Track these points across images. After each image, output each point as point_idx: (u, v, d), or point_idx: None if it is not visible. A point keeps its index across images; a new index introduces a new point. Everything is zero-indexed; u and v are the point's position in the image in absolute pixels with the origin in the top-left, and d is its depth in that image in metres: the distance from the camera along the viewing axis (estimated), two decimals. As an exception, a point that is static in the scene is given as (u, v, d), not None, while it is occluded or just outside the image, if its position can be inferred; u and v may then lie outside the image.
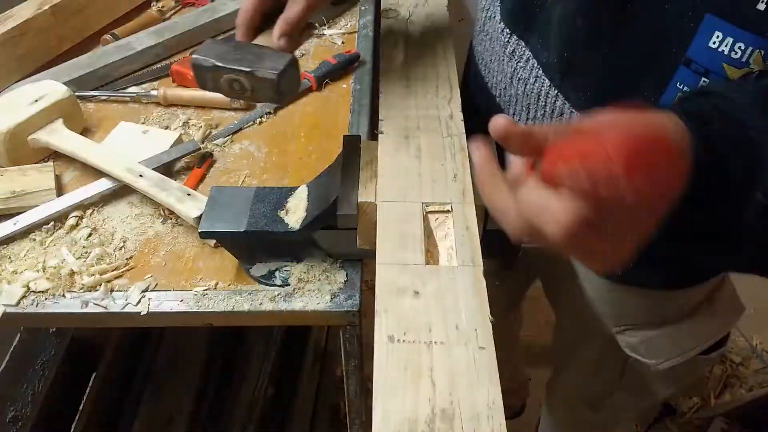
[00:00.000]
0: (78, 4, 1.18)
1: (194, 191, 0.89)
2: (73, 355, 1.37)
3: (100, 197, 0.93)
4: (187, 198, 0.87)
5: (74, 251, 0.86)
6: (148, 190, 0.89)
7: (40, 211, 0.90)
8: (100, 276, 0.83)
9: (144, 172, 0.92)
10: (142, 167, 0.93)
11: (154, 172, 0.92)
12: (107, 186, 0.93)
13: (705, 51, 0.57)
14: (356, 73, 1.17)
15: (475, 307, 0.58)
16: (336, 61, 1.16)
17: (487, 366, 0.53)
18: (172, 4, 1.35)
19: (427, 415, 0.49)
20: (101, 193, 0.93)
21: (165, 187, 0.89)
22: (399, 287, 0.60)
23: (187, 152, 0.98)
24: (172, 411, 1.35)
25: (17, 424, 1.22)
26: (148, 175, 0.91)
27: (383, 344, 0.55)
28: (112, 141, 1.01)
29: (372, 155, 0.79)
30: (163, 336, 1.47)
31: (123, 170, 0.92)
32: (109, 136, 1.02)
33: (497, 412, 0.49)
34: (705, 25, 0.56)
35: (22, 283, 0.82)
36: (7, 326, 1.22)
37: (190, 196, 0.88)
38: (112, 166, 0.93)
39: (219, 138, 1.04)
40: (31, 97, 0.99)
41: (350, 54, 1.18)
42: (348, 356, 0.88)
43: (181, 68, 1.14)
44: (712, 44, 0.56)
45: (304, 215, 0.78)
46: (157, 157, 0.97)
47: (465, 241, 0.66)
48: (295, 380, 1.55)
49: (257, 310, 0.80)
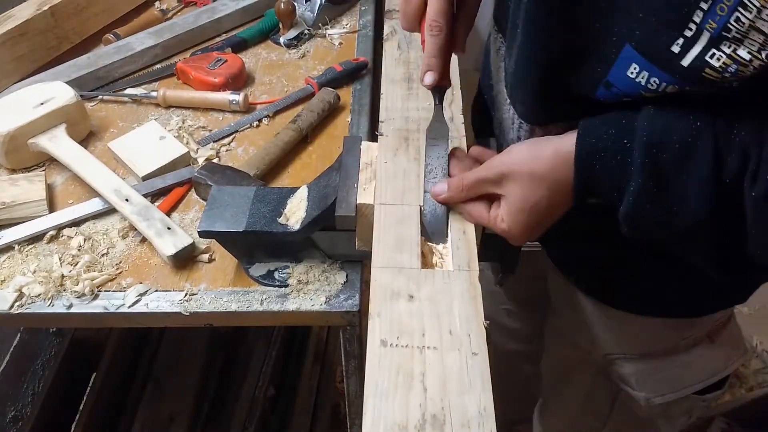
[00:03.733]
0: (78, 4, 1.18)
1: (175, 226, 0.87)
2: (73, 355, 1.38)
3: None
4: (167, 233, 0.85)
5: (65, 258, 0.86)
6: (130, 216, 0.88)
7: (28, 227, 0.89)
8: (99, 275, 0.83)
9: (131, 196, 0.90)
10: (130, 191, 0.91)
11: (141, 198, 0.90)
12: (99, 207, 0.92)
13: (624, 78, 0.59)
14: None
15: (469, 312, 0.58)
16: (341, 68, 1.13)
17: (480, 372, 0.53)
18: (174, 4, 1.35)
19: (417, 421, 0.49)
20: (93, 213, 0.91)
21: (147, 216, 0.87)
22: (393, 291, 0.60)
23: (182, 179, 0.96)
24: (172, 411, 1.35)
25: (17, 424, 1.23)
26: (134, 201, 0.89)
27: (376, 348, 0.55)
28: (131, 140, 1.01)
29: (371, 157, 0.78)
30: (163, 336, 1.47)
31: (111, 191, 0.90)
32: (132, 134, 1.02)
33: (489, 418, 0.49)
34: (624, 54, 0.58)
35: (14, 288, 0.82)
36: (7, 326, 1.22)
37: (170, 230, 0.86)
38: (101, 185, 0.91)
39: (217, 139, 1.04)
40: (36, 100, 0.98)
41: (357, 62, 1.15)
42: (348, 356, 0.88)
43: (185, 66, 1.15)
44: (629, 74, 0.58)
45: (303, 216, 0.77)
46: (152, 181, 0.95)
47: (461, 245, 0.65)
48: (295, 380, 1.54)
49: (257, 310, 0.80)
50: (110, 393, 1.37)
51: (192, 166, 0.99)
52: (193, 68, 1.14)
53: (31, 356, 1.30)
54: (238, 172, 0.92)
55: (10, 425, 1.21)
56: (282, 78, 1.17)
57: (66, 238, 0.89)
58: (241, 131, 1.06)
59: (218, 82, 1.11)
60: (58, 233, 0.90)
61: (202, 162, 0.99)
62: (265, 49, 1.25)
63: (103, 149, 1.03)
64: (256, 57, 1.22)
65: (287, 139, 1.00)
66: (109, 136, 1.06)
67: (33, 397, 1.27)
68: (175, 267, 0.85)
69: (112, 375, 1.38)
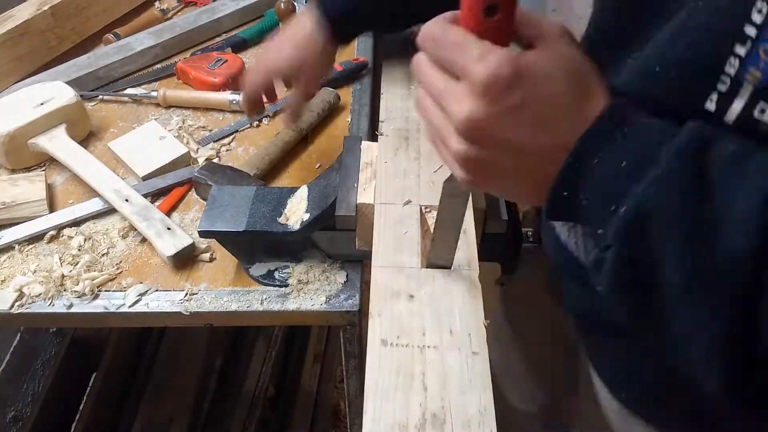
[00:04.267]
0: (77, 4, 1.18)
1: (175, 226, 0.87)
2: (73, 355, 1.37)
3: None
4: (167, 233, 0.85)
5: (66, 257, 0.86)
6: (130, 216, 0.87)
7: (28, 227, 0.89)
8: (99, 275, 0.83)
9: (130, 196, 0.90)
10: (130, 191, 0.91)
11: (141, 198, 0.90)
12: (99, 207, 0.91)
13: None
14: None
15: (469, 311, 0.58)
16: (342, 68, 1.13)
17: (480, 371, 0.53)
18: (174, 4, 1.35)
19: (417, 420, 0.49)
20: (93, 213, 0.91)
21: (147, 216, 0.87)
22: (394, 290, 0.60)
23: (182, 179, 0.96)
24: (172, 411, 1.35)
25: (17, 424, 1.23)
26: (134, 201, 0.89)
27: (376, 348, 0.55)
28: (131, 140, 1.01)
29: (372, 156, 0.78)
30: (163, 336, 1.47)
31: (111, 191, 0.90)
32: (132, 134, 1.02)
33: (489, 418, 0.49)
34: None
35: (14, 288, 0.82)
36: (7, 326, 1.22)
37: (170, 230, 0.85)
38: (100, 185, 0.91)
39: (217, 139, 1.04)
40: (37, 100, 0.98)
41: (357, 62, 1.15)
42: (348, 356, 0.88)
43: (185, 66, 1.15)
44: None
45: (303, 215, 0.78)
46: (153, 181, 0.95)
47: (461, 245, 0.65)
48: (295, 380, 1.54)
49: (257, 310, 0.80)
50: (110, 393, 1.37)
51: (192, 166, 0.99)
52: (193, 68, 1.14)
53: (31, 356, 1.30)
54: (238, 171, 0.93)
55: (10, 425, 1.21)
56: (282, 78, 1.17)
57: (66, 238, 0.89)
58: (241, 131, 1.06)
59: (218, 82, 1.11)
60: (59, 233, 0.90)
61: (202, 162, 0.99)
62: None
63: (104, 149, 1.03)
64: (257, 57, 1.22)
65: (287, 139, 1.00)
66: (109, 136, 1.06)
67: (33, 397, 1.27)
68: (175, 267, 0.85)
69: (112, 375, 1.38)
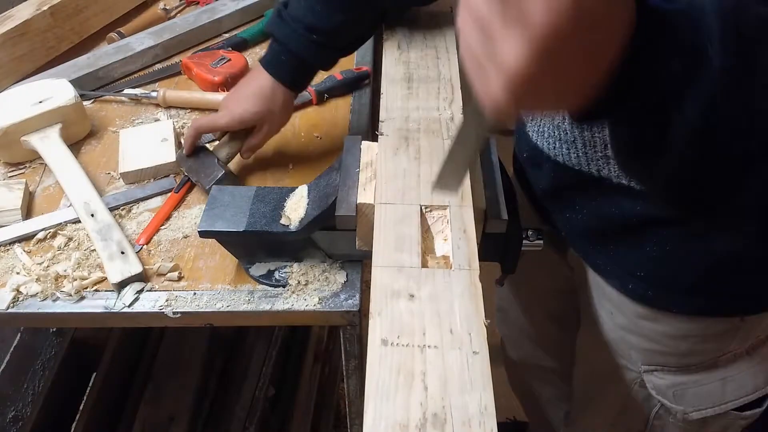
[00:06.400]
0: (77, 4, 1.18)
1: (130, 251, 0.84)
2: (73, 355, 1.37)
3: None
4: (119, 257, 0.83)
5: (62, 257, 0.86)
6: (90, 233, 0.86)
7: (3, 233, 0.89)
8: (99, 275, 0.83)
9: (97, 212, 0.88)
10: (98, 206, 0.89)
11: (107, 215, 0.88)
12: (71, 216, 0.90)
13: None
14: (357, 74, 1.17)
15: (470, 311, 0.58)
16: (342, 77, 1.12)
17: (481, 371, 0.52)
18: (176, 3, 1.35)
19: (418, 420, 0.49)
20: (67, 222, 0.90)
21: (106, 236, 0.85)
22: (394, 290, 0.60)
23: (162, 190, 0.95)
24: (172, 411, 1.34)
25: (17, 424, 1.22)
26: (99, 218, 0.87)
27: (376, 347, 0.54)
28: (138, 134, 1.01)
29: (372, 156, 0.78)
30: (163, 336, 1.47)
31: (80, 203, 0.89)
32: (143, 128, 1.03)
33: (490, 417, 0.49)
34: None
35: (11, 287, 0.82)
36: (7, 326, 1.22)
37: (123, 255, 0.83)
38: (73, 195, 0.90)
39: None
40: (36, 97, 0.98)
41: (359, 72, 1.14)
42: (348, 356, 0.88)
43: (190, 62, 1.16)
44: None
45: (303, 215, 0.78)
46: (131, 191, 0.95)
47: (462, 245, 0.65)
48: (295, 380, 1.54)
49: (257, 310, 0.80)
50: (110, 393, 1.37)
51: (173, 177, 0.98)
52: (196, 65, 1.14)
53: (31, 356, 1.30)
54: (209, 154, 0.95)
55: (10, 425, 1.21)
56: (282, 78, 1.17)
57: (62, 237, 0.89)
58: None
59: (217, 80, 1.11)
60: (56, 232, 0.90)
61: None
62: (265, 49, 1.24)
63: (114, 136, 1.04)
64: (257, 57, 1.22)
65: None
66: (108, 135, 1.06)
67: (33, 397, 1.26)
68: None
69: (112, 375, 1.38)
